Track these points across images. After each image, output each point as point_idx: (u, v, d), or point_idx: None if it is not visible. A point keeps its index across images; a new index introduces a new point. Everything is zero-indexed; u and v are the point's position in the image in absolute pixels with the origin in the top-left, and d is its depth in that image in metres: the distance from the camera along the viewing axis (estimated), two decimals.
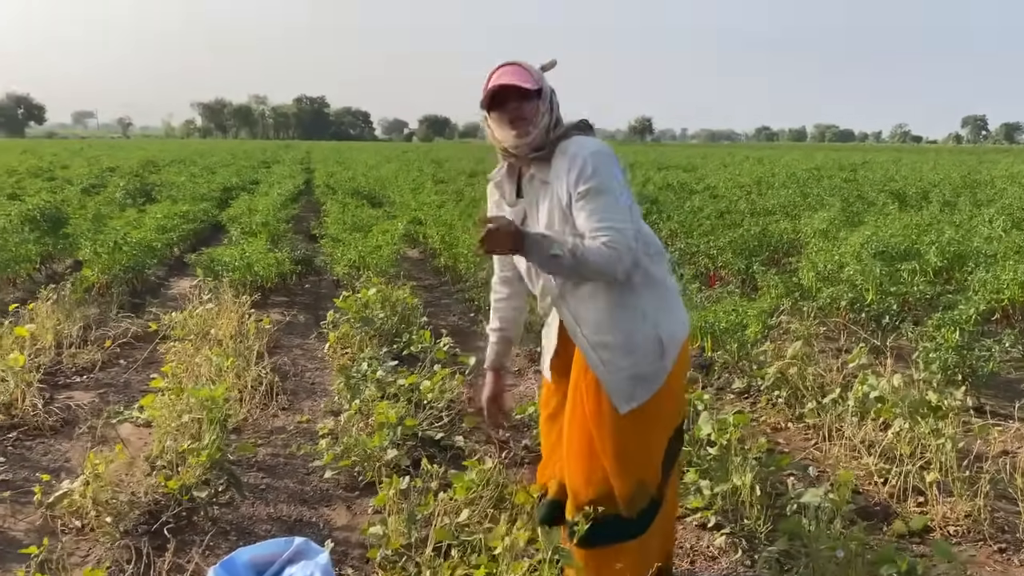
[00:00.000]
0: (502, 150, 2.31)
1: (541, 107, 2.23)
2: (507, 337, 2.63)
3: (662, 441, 2.33)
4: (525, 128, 2.21)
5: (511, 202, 2.36)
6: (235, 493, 3.46)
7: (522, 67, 2.26)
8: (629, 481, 2.25)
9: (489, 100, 2.23)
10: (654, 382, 2.24)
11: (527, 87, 2.20)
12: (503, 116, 2.23)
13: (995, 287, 5.90)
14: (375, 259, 7.26)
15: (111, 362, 5.36)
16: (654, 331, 2.23)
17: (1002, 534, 3.22)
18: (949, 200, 12.86)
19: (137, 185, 14.25)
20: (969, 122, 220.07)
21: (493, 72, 2.26)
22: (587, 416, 2.27)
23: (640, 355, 2.22)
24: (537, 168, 2.26)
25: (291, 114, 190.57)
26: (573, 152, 2.18)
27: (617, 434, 2.24)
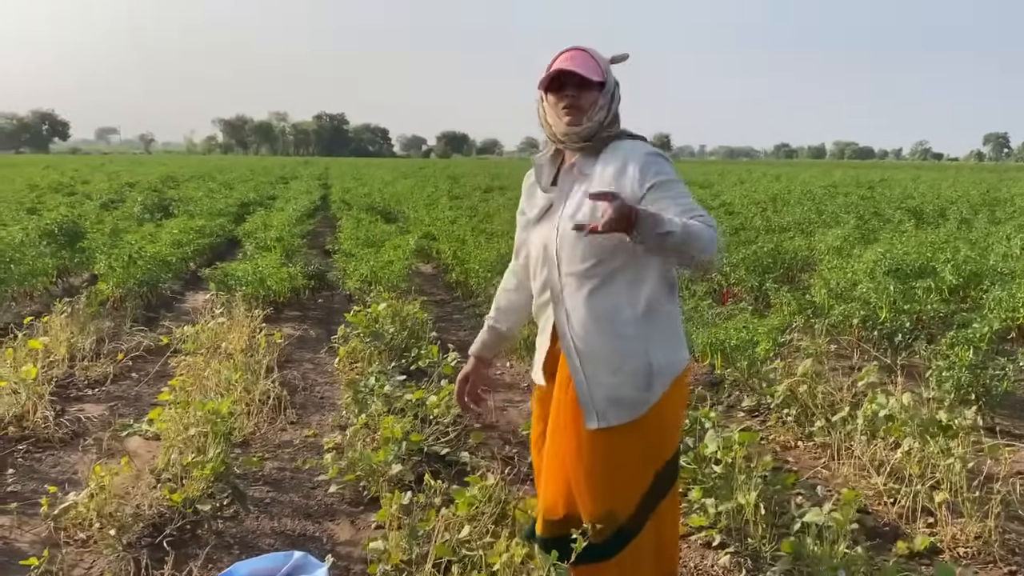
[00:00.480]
0: (550, 134, 2.25)
1: (600, 100, 2.17)
2: (498, 330, 2.54)
3: (642, 474, 2.21)
4: (579, 118, 2.16)
5: (546, 188, 2.29)
6: (239, 507, 3.46)
7: (590, 55, 2.19)
8: (598, 507, 2.18)
9: (548, 82, 2.18)
10: (632, 409, 2.14)
11: (590, 77, 2.14)
12: (559, 101, 2.17)
13: (1011, 305, 5.84)
14: (386, 274, 7.29)
15: (123, 375, 5.40)
16: (645, 358, 2.14)
17: (1013, 556, 3.16)
18: (966, 217, 12.75)
19: (155, 200, 14.40)
20: (991, 139, 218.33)
21: (559, 54, 2.20)
22: (563, 437, 2.21)
23: (624, 378, 2.14)
24: (581, 159, 2.21)
25: (311, 131, 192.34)
26: (631, 153, 2.15)
27: (589, 456, 2.17)
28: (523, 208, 2.40)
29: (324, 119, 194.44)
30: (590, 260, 2.14)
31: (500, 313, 2.53)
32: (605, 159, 2.18)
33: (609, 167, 2.16)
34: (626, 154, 2.16)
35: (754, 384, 4.98)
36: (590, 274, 2.15)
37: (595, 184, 2.15)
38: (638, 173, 2.11)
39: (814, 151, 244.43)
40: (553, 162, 2.31)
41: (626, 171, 2.13)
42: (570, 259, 2.16)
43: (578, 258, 2.15)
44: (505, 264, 7.67)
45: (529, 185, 2.38)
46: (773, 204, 15.75)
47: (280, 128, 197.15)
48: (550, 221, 2.24)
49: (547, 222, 2.25)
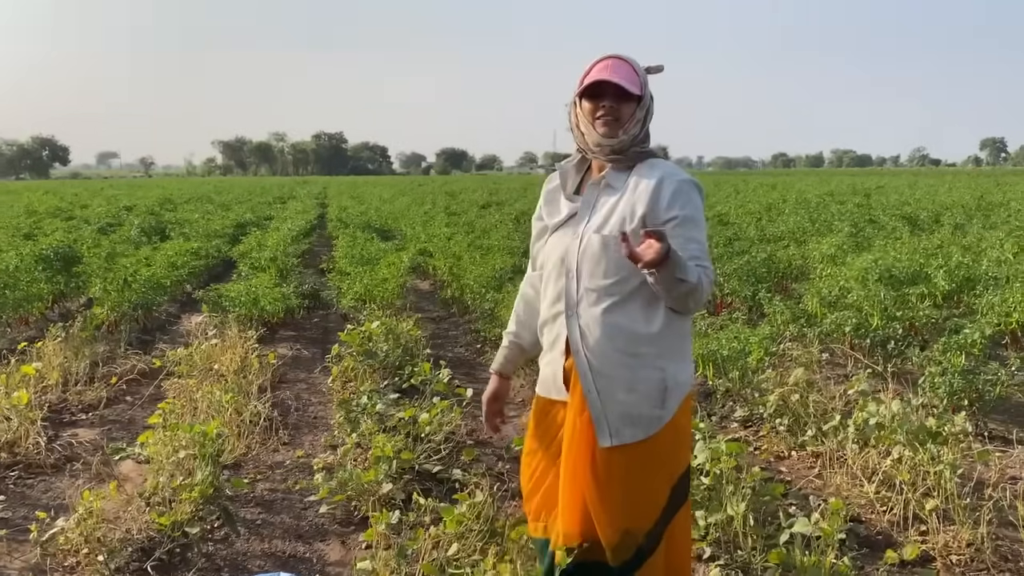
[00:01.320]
0: (580, 142, 2.21)
1: (637, 113, 2.14)
2: (519, 344, 2.46)
3: (658, 491, 2.18)
4: (615, 130, 2.12)
5: (569, 196, 2.25)
6: (229, 529, 3.46)
7: (631, 65, 2.14)
8: (615, 529, 2.13)
9: (585, 89, 2.13)
10: (646, 427, 2.11)
11: (630, 90, 2.10)
12: (595, 110, 2.13)
13: (1003, 310, 5.84)
14: (381, 291, 7.30)
15: (117, 399, 5.40)
16: (660, 375, 2.11)
17: (1005, 563, 3.15)
18: (960, 223, 12.77)
19: (152, 223, 14.43)
20: (988, 144, 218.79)
21: (598, 61, 2.16)
22: (578, 456, 2.16)
23: (640, 396, 2.10)
24: (611, 172, 2.17)
25: (310, 150, 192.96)
26: (669, 173, 2.11)
27: (605, 475, 2.13)
28: (541, 214, 2.34)
29: (323, 138, 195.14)
30: (613, 276, 2.10)
31: (520, 327, 2.45)
32: (639, 174, 2.14)
33: (643, 183, 2.11)
34: (663, 174, 2.12)
35: (746, 394, 4.97)
36: (611, 291, 2.11)
37: (625, 198, 2.12)
38: (669, 196, 2.07)
39: (812, 160, 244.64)
40: (578, 170, 2.28)
41: (660, 190, 2.08)
42: (591, 273, 2.12)
43: (600, 273, 2.11)
44: (501, 280, 7.71)
45: (550, 190, 2.33)
46: (767, 213, 15.77)
47: (279, 148, 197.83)
48: (572, 231, 2.18)
49: (568, 231, 2.20)
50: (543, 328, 2.30)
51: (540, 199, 2.37)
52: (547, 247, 2.27)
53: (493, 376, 2.52)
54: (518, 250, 9.57)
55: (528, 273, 2.47)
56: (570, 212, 2.22)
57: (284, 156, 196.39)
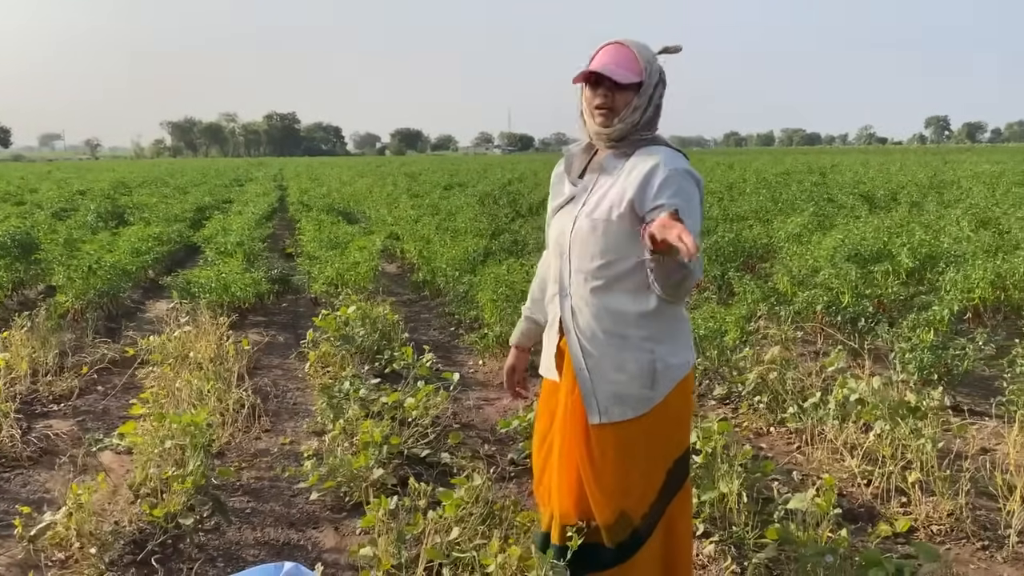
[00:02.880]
0: (583, 127, 2.21)
1: (635, 101, 2.10)
2: (534, 319, 2.50)
3: (652, 472, 2.21)
4: (609, 119, 2.11)
5: (574, 180, 2.24)
6: (221, 519, 3.43)
7: (631, 51, 2.10)
8: (610, 507, 2.17)
9: (584, 78, 2.12)
10: (635, 407, 2.14)
11: (624, 80, 2.07)
12: (594, 99, 2.12)
13: (966, 287, 6.01)
14: (353, 276, 7.24)
15: (88, 389, 5.29)
16: (649, 356, 2.13)
17: (984, 531, 3.26)
18: (916, 201, 13.07)
19: (109, 208, 14.08)
20: (932, 123, 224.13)
21: (602, 47, 2.14)
22: (572, 434, 2.20)
23: (629, 376, 2.13)
24: (608, 157, 2.17)
25: (262, 131, 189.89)
26: (664, 161, 2.07)
27: (597, 453, 2.17)
28: (552, 197, 2.36)
29: (275, 119, 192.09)
30: (600, 259, 2.12)
31: (534, 303, 2.50)
32: (635, 161, 2.13)
33: (635, 171, 2.10)
34: (658, 161, 2.08)
35: (724, 373, 5.05)
36: (598, 273, 2.13)
37: (619, 183, 2.12)
38: (659, 184, 2.04)
39: (763, 139, 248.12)
40: (585, 153, 2.28)
41: (652, 177, 2.06)
42: (580, 255, 2.15)
43: (588, 256, 2.13)
44: (473, 263, 7.70)
45: (558, 174, 2.34)
46: (729, 193, 15.96)
47: (230, 129, 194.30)
48: (568, 213, 2.21)
49: (566, 214, 2.22)
50: (547, 307, 2.36)
51: (552, 180, 2.39)
52: (551, 229, 2.30)
53: (512, 349, 2.60)
54: (486, 232, 9.55)
55: (544, 252, 2.49)
56: (570, 195, 2.24)
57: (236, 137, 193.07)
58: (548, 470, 2.35)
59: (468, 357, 6.08)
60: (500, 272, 6.34)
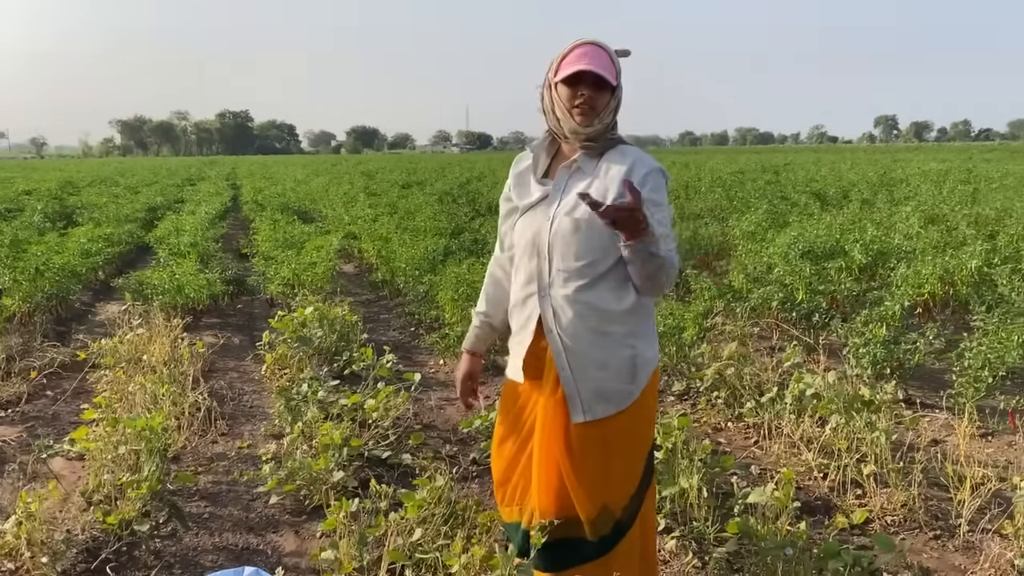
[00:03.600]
0: (555, 126, 2.21)
1: (611, 103, 2.16)
2: (490, 323, 2.48)
3: (633, 465, 2.26)
4: (591, 118, 2.14)
5: (539, 179, 2.26)
6: (177, 524, 3.36)
7: (607, 54, 2.15)
8: (593, 504, 2.19)
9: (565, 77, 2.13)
10: (618, 402, 2.17)
11: (609, 80, 2.11)
12: (573, 97, 2.13)
13: (916, 282, 6.14)
14: (310, 276, 7.16)
15: (37, 394, 5.16)
16: (631, 352, 2.17)
17: (936, 521, 3.34)
18: (867, 199, 13.34)
19: (56, 208, 13.74)
20: (881, 122, 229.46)
21: (575, 47, 2.15)
22: (553, 434, 2.20)
23: (611, 372, 2.15)
24: (583, 157, 2.19)
25: (214, 129, 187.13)
26: (639, 159, 2.16)
27: (580, 451, 2.18)
28: (510, 195, 2.34)
29: (228, 117, 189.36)
30: (585, 258, 2.13)
31: (490, 306, 2.47)
32: (610, 159, 2.18)
33: (614, 168, 2.15)
34: (634, 159, 2.16)
35: (683, 369, 5.10)
36: (583, 272, 2.14)
37: (597, 182, 2.15)
38: (639, 180, 2.10)
39: (717, 138, 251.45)
40: (549, 150, 2.29)
41: (632, 175, 2.11)
42: (563, 255, 2.15)
43: (572, 255, 2.14)
44: (434, 263, 7.65)
45: (519, 172, 2.34)
46: (685, 191, 16.13)
47: (182, 127, 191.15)
48: (543, 213, 2.20)
49: (539, 213, 2.21)
50: (514, 310, 2.32)
51: (509, 180, 2.37)
52: (518, 228, 2.28)
53: (465, 355, 2.54)
54: (446, 231, 9.52)
55: (496, 254, 2.48)
56: (542, 194, 2.23)
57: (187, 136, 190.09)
58: (519, 470, 2.35)
59: (429, 357, 6.05)
60: (461, 271, 6.32)
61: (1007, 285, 6.05)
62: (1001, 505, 3.39)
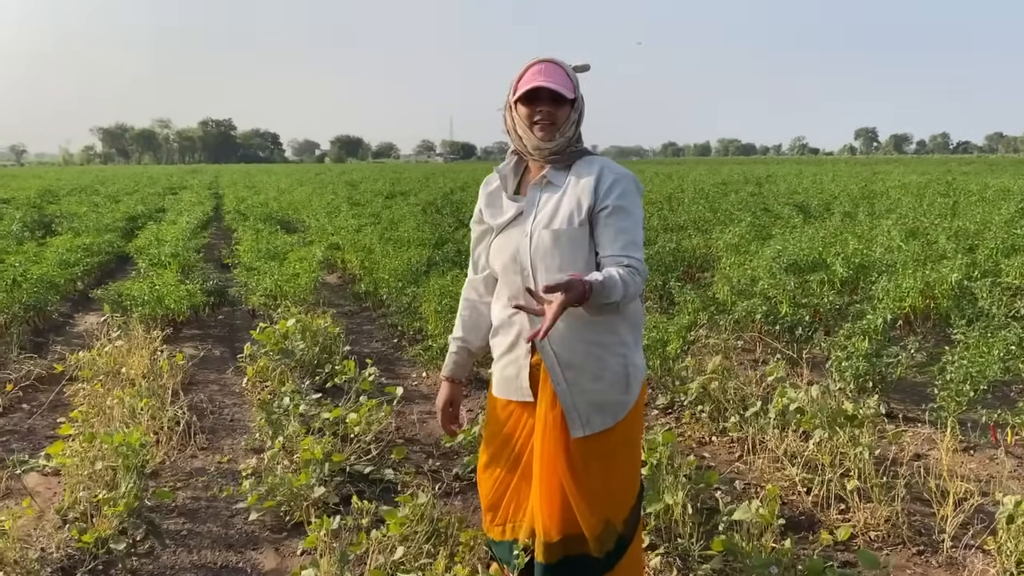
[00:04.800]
0: (519, 145, 2.23)
1: (572, 116, 2.18)
2: (468, 348, 2.46)
3: (631, 477, 2.28)
4: (551, 133, 2.16)
5: (511, 196, 2.28)
6: (155, 542, 3.30)
7: (563, 69, 2.17)
8: (597, 519, 2.18)
9: (522, 95, 2.15)
10: (614, 414, 2.17)
11: (566, 95, 2.13)
12: (532, 115, 2.16)
13: (898, 295, 6.17)
14: (292, 287, 7.11)
15: (13, 407, 5.07)
16: (622, 360, 2.17)
17: (919, 536, 3.34)
18: (849, 212, 13.42)
19: (35, 217, 13.59)
20: (861, 134, 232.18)
21: (530, 65, 2.17)
22: (553, 450, 2.18)
23: (607, 383, 2.15)
24: (551, 171, 2.21)
25: (197, 137, 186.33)
26: (607, 167, 2.18)
27: (582, 466, 2.17)
28: (482, 217, 2.34)
29: (210, 125, 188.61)
30: (568, 269, 2.12)
31: (467, 331, 2.45)
32: (578, 171, 2.19)
33: (583, 179, 2.17)
34: (601, 168, 2.18)
35: (667, 382, 5.09)
36: None
37: (568, 193, 2.16)
38: (607, 187, 2.13)
39: (700, 149, 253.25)
40: (516, 171, 2.31)
41: (600, 182, 2.14)
42: (547, 268, 2.14)
43: (555, 267, 2.13)
44: (417, 274, 7.61)
45: (489, 193, 2.34)
46: (668, 203, 16.17)
47: (164, 135, 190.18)
48: (519, 230, 2.20)
49: (515, 231, 2.21)
50: (499, 330, 2.30)
51: (479, 202, 2.37)
52: (495, 248, 2.27)
53: (444, 383, 2.50)
54: (430, 242, 9.48)
55: (470, 277, 2.46)
56: (516, 211, 2.23)
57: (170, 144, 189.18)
58: (510, 491, 2.32)
59: (412, 369, 6.02)
60: (445, 283, 6.29)
61: (987, 299, 6.09)
62: (984, 520, 3.39)
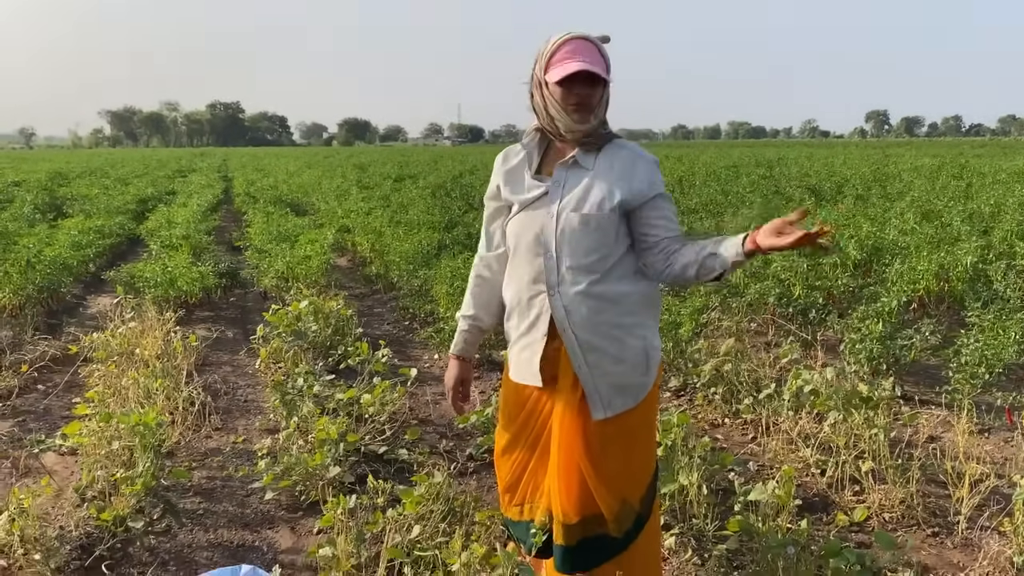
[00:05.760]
0: (549, 125, 2.17)
1: (605, 96, 2.15)
2: (478, 327, 2.43)
3: (649, 457, 2.29)
4: (587, 116, 2.11)
5: (534, 175, 2.23)
6: (172, 521, 3.33)
7: (598, 49, 2.10)
8: (615, 499, 2.19)
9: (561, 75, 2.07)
10: (635, 395, 2.18)
11: (604, 77, 2.08)
12: (568, 97, 2.09)
13: (912, 278, 6.14)
14: (304, 270, 7.12)
15: (29, 388, 5.11)
16: (642, 343, 2.17)
17: (934, 518, 3.34)
18: (861, 194, 13.34)
19: (46, 199, 13.64)
20: (872, 117, 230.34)
21: (563, 42, 2.08)
22: (572, 433, 2.18)
23: (627, 366, 2.15)
24: (580, 153, 2.17)
25: (205, 120, 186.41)
26: (638, 154, 2.18)
27: (600, 448, 2.17)
28: (500, 193, 2.29)
29: (218, 108, 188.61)
30: (595, 254, 2.12)
31: (478, 308, 2.42)
32: (609, 156, 2.17)
33: (616, 166, 2.15)
34: (633, 155, 2.17)
35: (680, 365, 5.09)
36: (594, 267, 2.12)
37: (600, 178, 2.15)
38: (651, 176, 2.16)
39: (710, 131, 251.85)
40: (539, 148, 2.26)
41: (636, 170, 2.14)
42: (573, 252, 2.12)
43: (582, 251, 2.12)
44: (428, 256, 7.61)
45: (510, 169, 2.28)
46: (680, 186, 16.10)
47: (172, 118, 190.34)
48: (544, 210, 2.16)
49: (540, 211, 2.17)
50: (514, 312, 2.27)
51: (496, 178, 2.32)
52: (515, 226, 2.23)
53: (454, 360, 2.49)
54: (440, 225, 9.47)
55: (482, 253, 2.42)
56: (541, 191, 2.19)
57: (178, 127, 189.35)
58: (528, 472, 2.32)
59: (423, 351, 6.03)
60: (456, 265, 6.29)
61: (1002, 281, 6.05)
62: (1000, 502, 3.39)
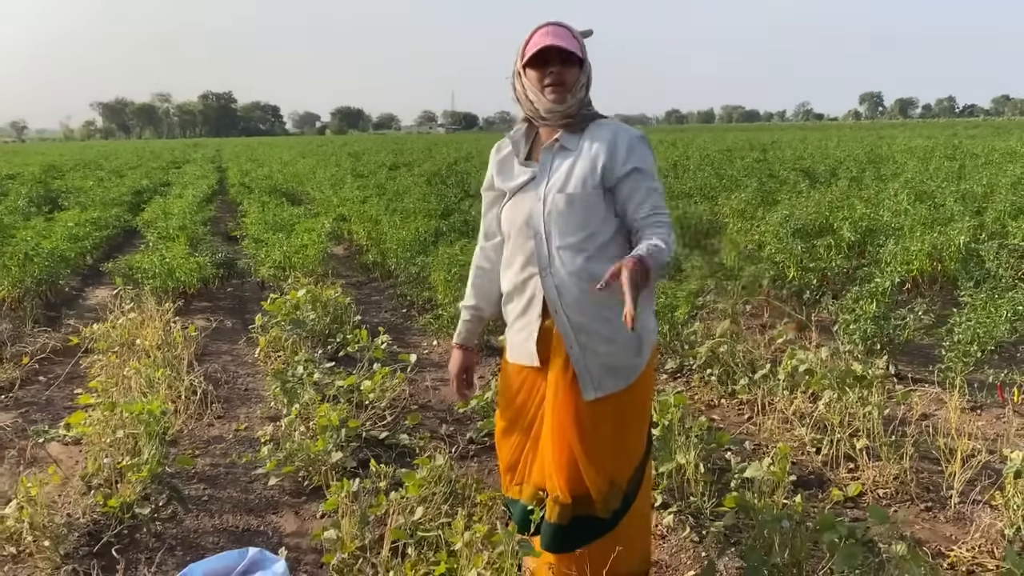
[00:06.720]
0: (530, 111, 2.22)
1: (581, 77, 2.17)
2: (480, 316, 2.49)
3: (639, 438, 2.31)
4: (563, 95, 2.15)
5: (523, 162, 2.28)
6: (177, 507, 3.38)
7: (569, 31, 2.16)
8: (604, 480, 2.22)
9: (531, 57, 2.13)
10: (627, 377, 2.21)
11: (575, 52, 2.12)
12: (543, 78, 2.15)
13: (905, 259, 6.19)
14: (301, 259, 7.15)
15: (30, 379, 5.14)
16: (636, 324, 2.21)
17: (927, 493, 3.40)
18: (856, 176, 13.37)
19: (41, 192, 13.62)
20: (866, 99, 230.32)
21: (536, 30, 2.17)
22: (563, 413, 2.22)
23: (619, 347, 2.18)
24: (564, 135, 2.21)
25: (197, 111, 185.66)
26: (621, 130, 2.19)
27: (591, 428, 2.20)
28: (494, 184, 2.35)
29: (211, 98, 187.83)
30: (582, 232, 2.14)
31: (479, 298, 2.48)
32: (591, 135, 2.20)
33: (596, 143, 2.17)
34: (615, 131, 2.19)
35: (676, 347, 5.14)
36: (583, 246, 2.15)
37: (583, 157, 2.17)
38: (624, 152, 2.15)
39: (703, 116, 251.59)
40: (527, 136, 2.31)
41: (616, 146, 2.15)
42: (562, 232, 2.15)
43: (570, 231, 2.15)
44: (425, 244, 7.64)
45: (500, 159, 2.34)
46: (674, 171, 16.12)
47: (164, 110, 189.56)
48: (533, 194, 2.21)
49: (528, 195, 2.22)
50: (512, 295, 2.31)
51: (490, 169, 2.38)
52: (507, 211, 2.28)
53: (457, 350, 2.54)
54: (436, 212, 9.50)
55: (481, 244, 2.47)
56: (528, 176, 2.24)
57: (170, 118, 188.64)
58: (525, 452, 2.37)
59: (422, 338, 6.07)
60: (453, 252, 6.33)
61: (994, 260, 6.10)
62: (991, 477, 3.45)
